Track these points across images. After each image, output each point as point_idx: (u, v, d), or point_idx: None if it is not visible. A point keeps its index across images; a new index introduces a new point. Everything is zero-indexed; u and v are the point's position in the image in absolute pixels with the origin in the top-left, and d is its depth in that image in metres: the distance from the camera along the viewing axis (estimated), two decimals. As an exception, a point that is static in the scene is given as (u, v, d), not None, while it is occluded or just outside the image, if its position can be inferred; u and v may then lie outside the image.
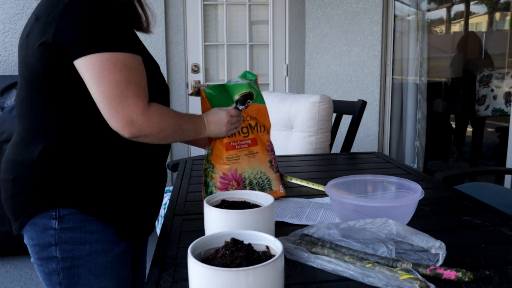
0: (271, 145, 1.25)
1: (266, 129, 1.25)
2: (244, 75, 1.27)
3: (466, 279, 0.75)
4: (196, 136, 1.11)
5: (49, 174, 0.96)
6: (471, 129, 4.62)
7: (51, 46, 0.90)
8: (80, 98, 0.94)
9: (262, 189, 1.20)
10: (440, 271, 0.76)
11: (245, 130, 1.20)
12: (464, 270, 0.75)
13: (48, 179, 0.96)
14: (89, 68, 0.89)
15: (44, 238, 0.97)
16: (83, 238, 0.98)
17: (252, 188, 1.18)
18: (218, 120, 1.13)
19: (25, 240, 1.01)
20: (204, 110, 1.18)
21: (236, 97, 1.18)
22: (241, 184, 1.18)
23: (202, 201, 1.15)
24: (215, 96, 1.17)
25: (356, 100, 2.30)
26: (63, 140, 0.96)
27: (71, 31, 0.88)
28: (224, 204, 0.95)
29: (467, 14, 5.52)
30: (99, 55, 0.88)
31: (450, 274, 0.75)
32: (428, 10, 4.99)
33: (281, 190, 1.24)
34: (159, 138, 0.99)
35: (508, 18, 5.18)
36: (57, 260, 0.98)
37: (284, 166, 1.67)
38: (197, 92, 1.19)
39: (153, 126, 0.95)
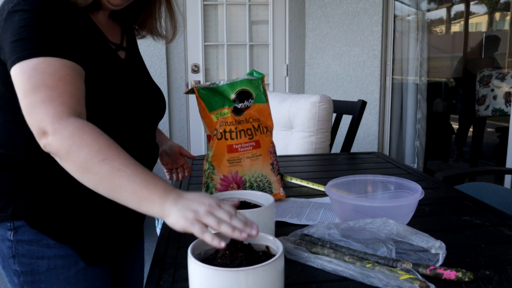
0: (273, 147, 1.24)
1: (269, 129, 1.24)
2: (250, 74, 1.26)
3: (466, 279, 0.75)
4: (139, 201, 0.72)
5: (3, 183, 0.91)
6: (471, 129, 4.62)
7: None
8: None
9: (262, 191, 1.19)
10: (440, 271, 0.76)
11: (249, 132, 1.19)
12: (464, 270, 0.75)
13: (2, 188, 0.91)
14: (14, 81, 0.80)
15: (3, 249, 0.92)
16: (40, 252, 0.91)
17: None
18: (195, 199, 0.72)
19: None
20: (199, 110, 1.17)
21: (233, 96, 1.17)
22: (241, 186, 1.18)
23: (202, 201, 1.15)
24: (209, 96, 1.16)
25: (356, 100, 2.30)
26: (16, 150, 0.90)
27: (5, 41, 0.82)
28: (224, 204, 0.95)
29: (467, 14, 5.53)
30: (16, 66, 0.79)
31: (450, 274, 0.75)
32: (428, 10, 4.99)
33: (282, 193, 1.24)
34: (70, 164, 0.74)
35: (508, 18, 5.18)
36: (18, 274, 0.92)
37: (284, 166, 1.67)
38: (192, 92, 1.18)
39: (60, 140, 0.74)
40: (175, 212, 0.70)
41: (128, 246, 1.09)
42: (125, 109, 0.94)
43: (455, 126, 4.81)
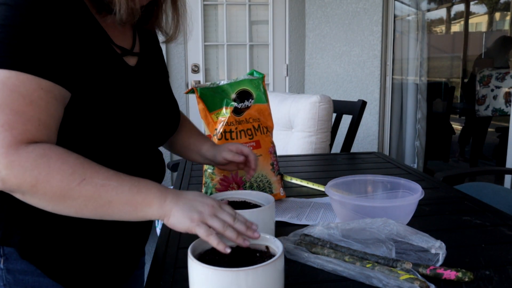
0: (274, 147, 1.24)
1: (269, 129, 1.24)
2: (251, 74, 1.26)
3: (466, 279, 0.75)
4: (134, 210, 0.68)
5: None
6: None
7: None
8: None
9: (262, 191, 1.19)
10: (440, 271, 0.76)
11: (250, 132, 1.19)
12: (464, 270, 0.75)
13: None
14: None
15: None
16: (36, 282, 0.80)
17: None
18: (196, 199, 0.71)
19: None
20: (199, 110, 1.17)
21: (233, 95, 1.18)
22: (241, 186, 1.18)
23: (202, 201, 1.15)
24: (209, 96, 1.16)
25: (356, 100, 2.30)
26: None
27: None
28: (224, 204, 0.95)
29: (467, 14, 5.53)
30: None
31: (450, 274, 0.75)
32: (428, 10, 4.99)
33: (282, 193, 1.24)
34: (39, 197, 0.65)
35: (508, 18, 5.18)
36: None
37: (284, 166, 1.67)
38: (192, 91, 1.18)
39: (20, 173, 0.63)
40: (177, 212, 0.68)
41: (129, 273, 0.98)
42: (129, 124, 0.82)
43: (455, 126, 4.81)
